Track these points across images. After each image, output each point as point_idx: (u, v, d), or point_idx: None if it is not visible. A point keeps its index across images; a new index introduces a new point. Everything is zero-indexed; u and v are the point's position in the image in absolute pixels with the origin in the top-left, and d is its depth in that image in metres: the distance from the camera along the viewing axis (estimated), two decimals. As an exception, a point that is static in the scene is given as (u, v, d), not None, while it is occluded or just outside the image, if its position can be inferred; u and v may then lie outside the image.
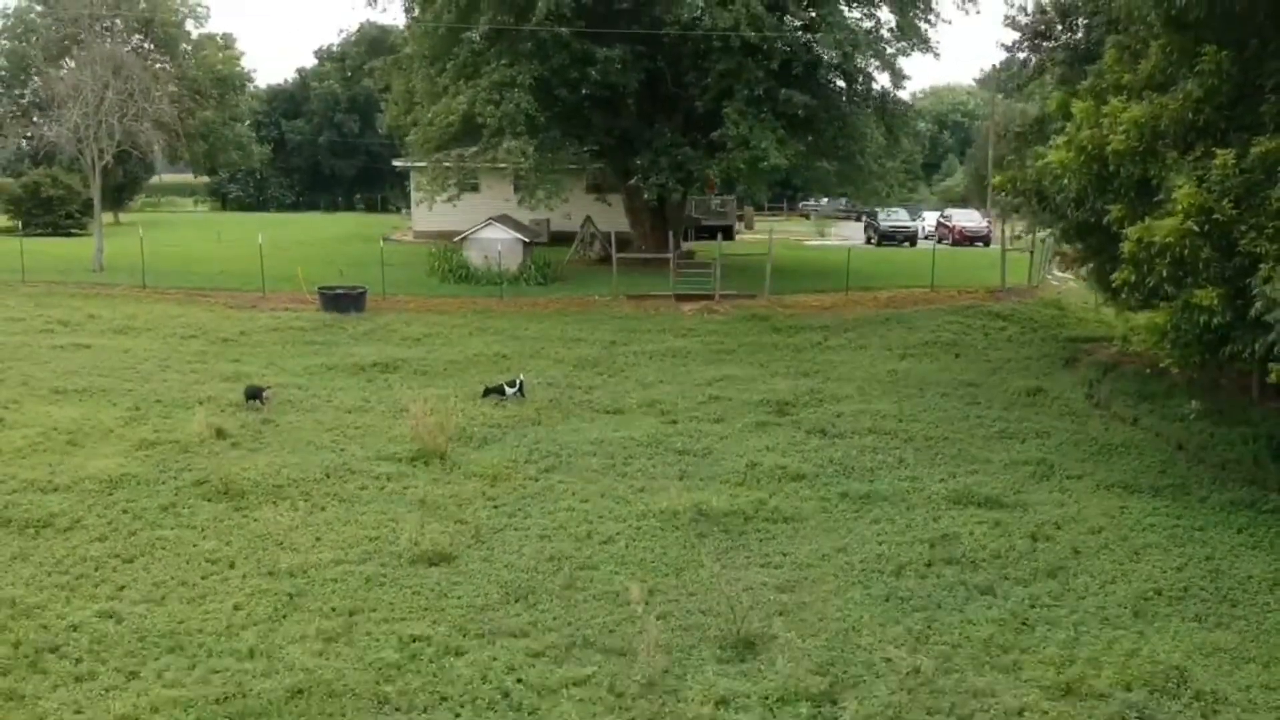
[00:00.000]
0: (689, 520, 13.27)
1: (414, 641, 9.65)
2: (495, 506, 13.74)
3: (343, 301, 26.77)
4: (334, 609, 10.36)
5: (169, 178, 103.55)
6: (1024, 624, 10.56)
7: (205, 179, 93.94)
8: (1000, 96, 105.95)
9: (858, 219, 68.14)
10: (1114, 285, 14.18)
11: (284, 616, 10.18)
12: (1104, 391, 21.72)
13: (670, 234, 30.05)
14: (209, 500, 13.39)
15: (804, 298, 30.50)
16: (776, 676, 9.14)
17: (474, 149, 31.78)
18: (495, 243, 30.07)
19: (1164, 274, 13.14)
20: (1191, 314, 13.05)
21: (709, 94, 29.93)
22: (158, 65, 65.82)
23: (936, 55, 33.00)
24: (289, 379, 20.35)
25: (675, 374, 22.43)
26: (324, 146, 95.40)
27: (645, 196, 30.88)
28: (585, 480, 14.95)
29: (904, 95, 33.74)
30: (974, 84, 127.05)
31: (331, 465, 15.05)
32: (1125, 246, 13.54)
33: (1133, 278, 13.50)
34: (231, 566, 11.41)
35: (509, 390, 19.42)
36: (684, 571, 11.78)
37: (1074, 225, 16.40)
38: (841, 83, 32.99)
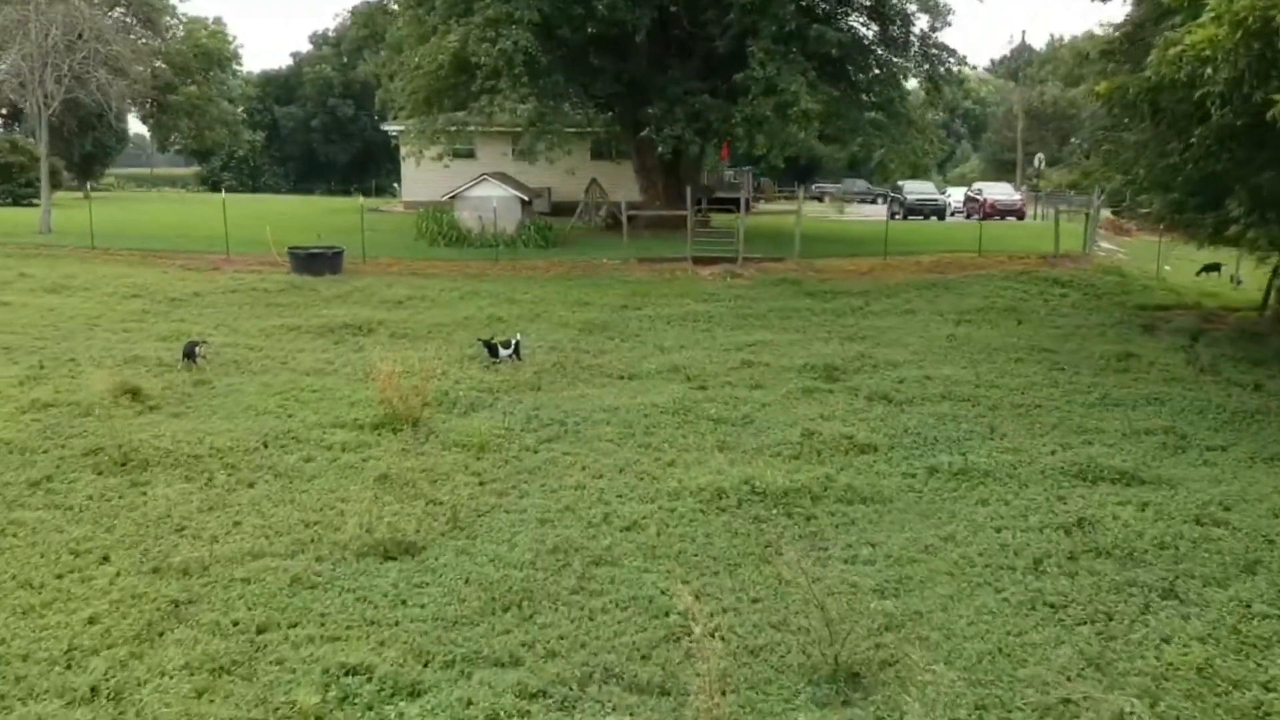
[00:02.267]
0: (738, 501, 9.95)
1: (347, 675, 6.33)
2: (481, 483, 10.43)
3: (315, 262, 23.47)
4: (235, 623, 7.04)
5: (161, 170, 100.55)
6: (1245, 644, 7.23)
7: (197, 168, 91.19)
8: (1012, 84, 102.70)
9: (874, 201, 64.82)
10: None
11: (159, 635, 6.87)
12: (1206, 357, 18.42)
13: (688, 189, 26.65)
14: (99, 473, 10.08)
15: (837, 262, 27.18)
16: (910, 731, 5.82)
17: (466, 111, 28.40)
18: (489, 200, 26.72)
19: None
20: None
21: (730, 32, 26.56)
22: (140, 41, 62.81)
23: (981, -2, 29.44)
24: (240, 340, 17.05)
25: (699, 338, 19.14)
26: (318, 132, 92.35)
27: (659, 150, 27.48)
28: (598, 452, 11.64)
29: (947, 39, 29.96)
30: (984, 72, 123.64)
31: (272, 432, 11.73)
32: (1315, 137, 10.16)
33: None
34: (105, 560, 8.09)
35: (503, 352, 16.12)
36: (739, 568, 8.46)
37: (1213, 133, 13.00)
38: (876, 26, 29.58)
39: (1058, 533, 9.40)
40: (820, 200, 73.15)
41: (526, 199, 28.53)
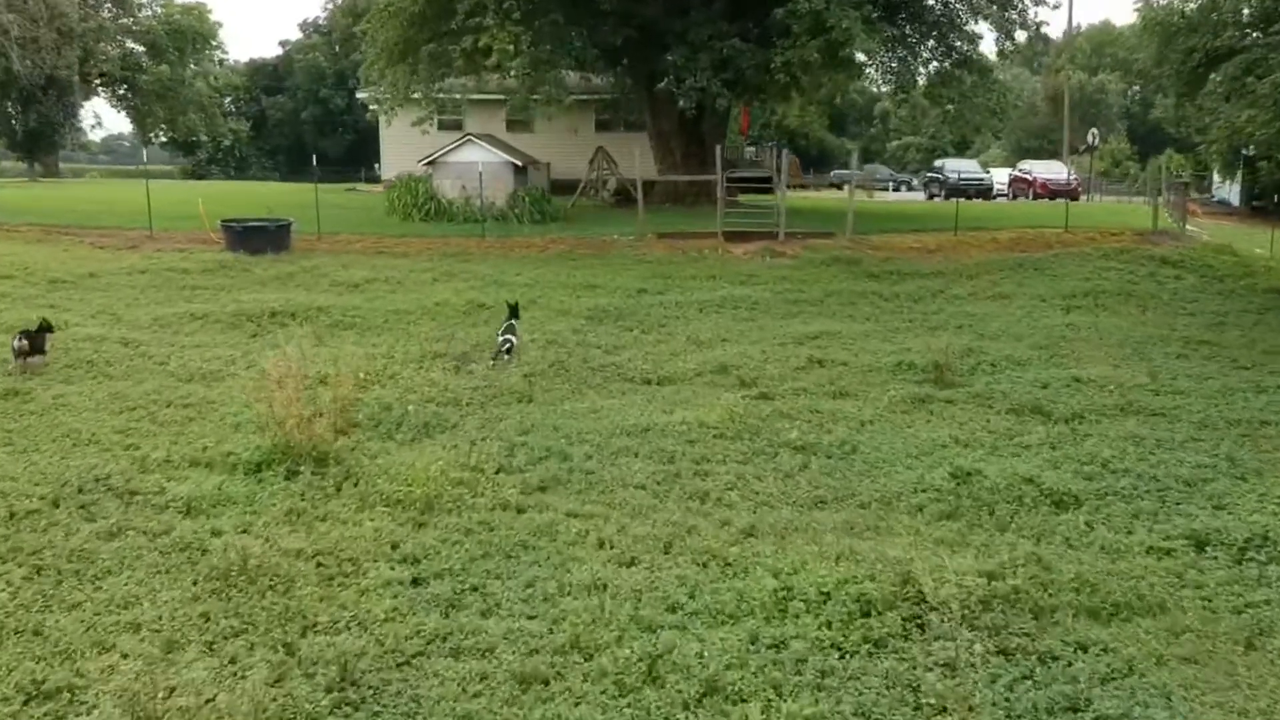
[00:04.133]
0: (900, 621, 5.21)
1: None
2: (415, 582, 5.71)
3: (255, 238, 18.76)
4: None
5: (151, 167, 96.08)
6: None
7: (184, 161, 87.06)
8: (1027, 72, 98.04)
9: (897, 188, 60.29)
10: None
11: None
12: None
13: (718, 149, 21.83)
14: None
15: (896, 238, 22.46)
16: None
17: (450, 71, 23.64)
18: (474, 166, 21.95)
19: None
20: None
21: (767, -38, 21.81)
22: (105, 16, 58.16)
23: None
24: (118, 332, 12.35)
25: (743, 329, 14.47)
26: (309, 125, 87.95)
27: (680, 105, 22.69)
28: (624, 511, 6.94)
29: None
30: (997, 59, 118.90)
31: (81, 479, 7.01)
32: None
33: None
34: None
35: (505, 345, 11.41)
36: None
37: None
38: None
39: None
40: (839, 188, 68.52)
41: (520, 164, 23.76)
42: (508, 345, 11.38)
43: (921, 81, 24.98)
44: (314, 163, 24.34)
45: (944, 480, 7.68)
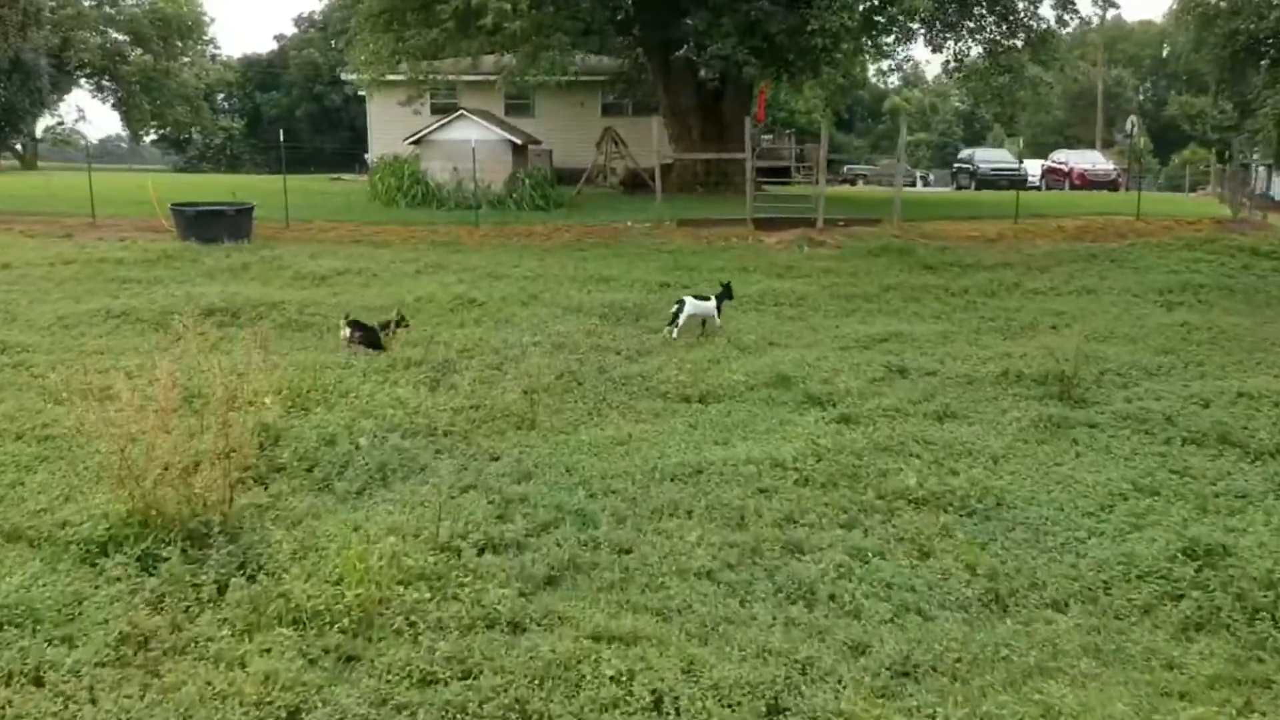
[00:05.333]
0: None
1: None
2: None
3: (209, 223, 16.02)
4: None
5: (145, 168, 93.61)
6: None
7: (175, 158, 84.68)
8: (1040, 70, 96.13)
9: (912, 184, 57.65)
10: None
11: None
12: None
13: (747, 121, 19.00)
14: None
15: (949, 226, 19.70)
16: None
17: (439, 47, 20.92)
18: (468, 144, 19.20)
19: None
20: None
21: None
22: (87, 4, 55.62)
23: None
24: (3, 334, 9.64)
25: (792, 331, 11.79)
26: (304, 122, 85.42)
27: (701, 75, 19.94)
28: (685, 627, 4.21)
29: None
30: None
31: None
32: None
33: None
34: None
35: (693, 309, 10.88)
36: None
37: None
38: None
39: None
40: (853, 184, 65.79)
41: (519, 143, 20.97)
42: (678, 307, 10.93)
43: (976, 52, 22.30)
44: (280, 137, 21.55)
45: (1171, 561, 4.98)
